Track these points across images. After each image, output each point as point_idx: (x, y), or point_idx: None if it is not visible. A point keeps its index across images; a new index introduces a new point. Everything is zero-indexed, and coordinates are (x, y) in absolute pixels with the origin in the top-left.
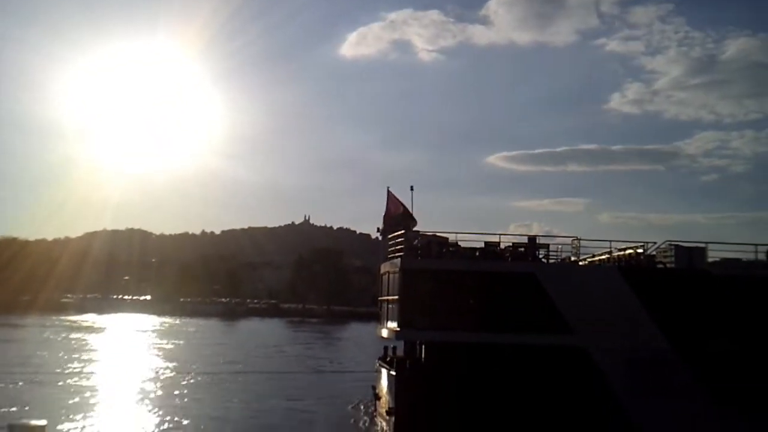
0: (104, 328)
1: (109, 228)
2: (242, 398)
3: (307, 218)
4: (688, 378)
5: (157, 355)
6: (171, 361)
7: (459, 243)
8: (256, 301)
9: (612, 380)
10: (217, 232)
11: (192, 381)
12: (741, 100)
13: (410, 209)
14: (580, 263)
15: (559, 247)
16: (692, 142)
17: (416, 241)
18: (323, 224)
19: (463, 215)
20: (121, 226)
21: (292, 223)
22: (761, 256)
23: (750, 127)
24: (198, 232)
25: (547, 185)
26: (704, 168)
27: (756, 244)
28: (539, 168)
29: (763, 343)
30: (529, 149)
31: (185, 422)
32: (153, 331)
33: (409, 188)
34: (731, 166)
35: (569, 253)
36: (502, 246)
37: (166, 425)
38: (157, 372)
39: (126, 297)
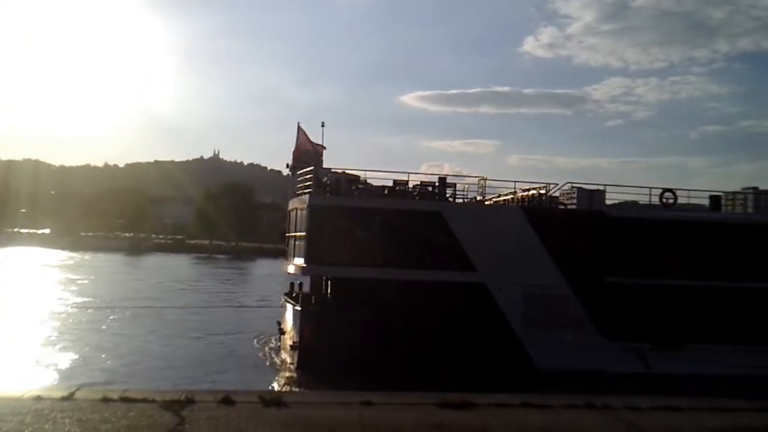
0: (4, 262)
1: (4, 158)
2: (150, 333)
3: (216, 153)
4: (581, 312)
5: (69, 290)
6: (83, 296)
7: (368, 181)
8: (161, 236)
9: (510, 315)
10: (122, 165)
11: (90, 316)
12: (648, 47)
13: (321, 146)
14: (486, 203)
15: (467, 186)
16: (600, 88)
17: (325, 177)
18: (233, 159)
19: (376, 154)
20: (17, 157)
21: (201, 157)
22: (655, 199)
23: (654, 74)
24: (101, 164)
25: (459, 126)
26: (610, 113)
27: (650, 187)
28: (452, 108)
29: (653, 278)
30: (443, 89)
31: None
32: (59, 266)
33: (321, 125)
34: (635, 113)
35: (476, 193)
36: (411, 185)
37: (74, 360)
38: (67, 306)
39: (23, 230)
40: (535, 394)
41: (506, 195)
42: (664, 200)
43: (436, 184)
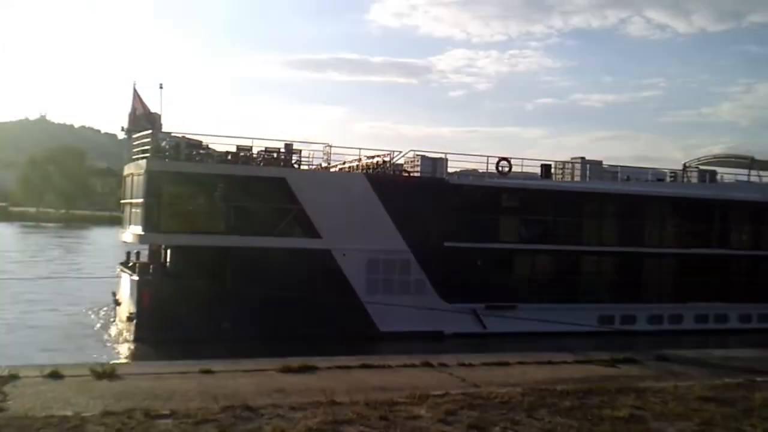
0: None
1: None
2: None
3: (43, 115)
4: (422, 276)
5: None
6: None
7: (210, 146)
8: None
9: (354, 280)
10: None
11: None
12: (489, 20)
13: (159, 109)
14: (331, 170)
15: (312, 153)
16: (444, 58)
17: (164, 142)
18: (63, 122)
19: (220, 118)
20: None
21: (26, 119)
22: (492, 168)
23: (495, 47)
24: None
25: (308, 92)
26: (453, 84)
27: (488, 156)
28: (301, 74)
29: (489, 242)
30: (292, 54)
31: None
32: None
33: (159, 87)
34: (476, 84)
35: (321, 160)
36: (256, 151)
37: None
38: None
39: None
40: (377, 355)
41: (351, 162)
42: (499, 168)
43: (281, 150)
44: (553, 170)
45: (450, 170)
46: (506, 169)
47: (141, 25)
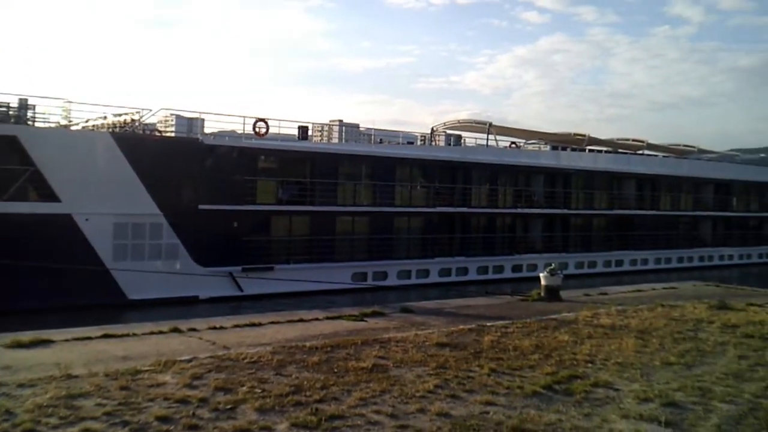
0: None
1: None
2: None
3: None
4: (175, 240)
5: None
6: None
7: None
8: None
9: (99, 246)
10: None
11: None
12: None
13: None
14: (73, 128)
15: (49, 109)
16: (197, 13)
17: None
18: None
19: None
20: None
21: None
22: (248, 128)
23: (253, 5)
24: None
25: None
26: (209, 41)
27: (245, 117)
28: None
29: (245, 204)
30: None
31: None
32: None
33: None
34: (235, 42)
35: (61, 117)
36: None
37: None
38: None
39: None
40: (122, 324)
41: (96, 120)
42: (256, 129)
43: (12, 105)
44: (311, 132)
45: (207, 131)
46: (263, 130)
47: None
